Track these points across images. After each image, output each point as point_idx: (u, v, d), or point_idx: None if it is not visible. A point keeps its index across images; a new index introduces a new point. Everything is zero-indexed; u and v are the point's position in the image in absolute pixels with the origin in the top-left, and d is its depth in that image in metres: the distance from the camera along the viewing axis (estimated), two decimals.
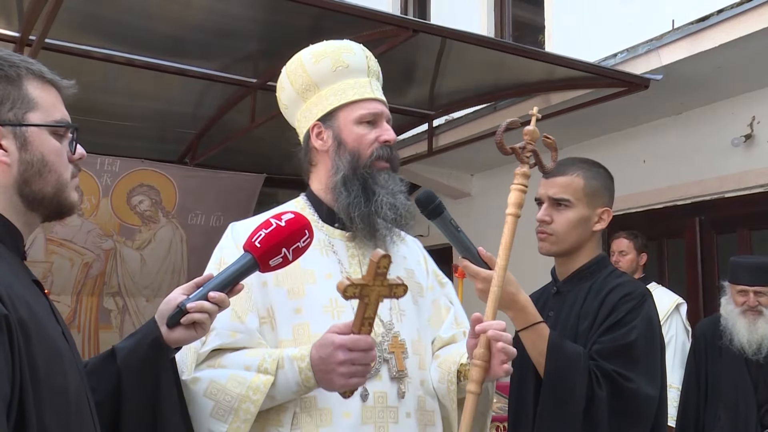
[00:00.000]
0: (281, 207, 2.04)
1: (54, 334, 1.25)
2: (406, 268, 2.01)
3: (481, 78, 5.08)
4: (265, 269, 1.56)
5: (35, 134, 1.28)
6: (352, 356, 1.61)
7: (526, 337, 1.97)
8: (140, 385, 1.47)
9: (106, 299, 5.71)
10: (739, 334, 3.65)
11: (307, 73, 2.02)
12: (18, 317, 1.15)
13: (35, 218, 1.33)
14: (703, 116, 5.18)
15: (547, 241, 2.18)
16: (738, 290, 3.71)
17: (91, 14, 4.16)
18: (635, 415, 1.95)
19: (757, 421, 3.62)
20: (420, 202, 1.84)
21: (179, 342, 1.51)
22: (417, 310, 1.97)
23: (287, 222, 1.56)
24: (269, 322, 1.84)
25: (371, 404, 1.79)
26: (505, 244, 1.85)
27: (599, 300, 2.08)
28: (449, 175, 7.16)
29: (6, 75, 1.26)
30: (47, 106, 1.31)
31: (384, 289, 1.59)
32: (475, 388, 1.77)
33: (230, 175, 6.04)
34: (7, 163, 1.26)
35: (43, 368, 1.17)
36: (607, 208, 2.21)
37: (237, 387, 1.71)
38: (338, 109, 1.96)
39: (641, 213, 5.58)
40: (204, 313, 1.47)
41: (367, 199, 1.89)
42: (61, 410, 1.20)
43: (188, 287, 1.53)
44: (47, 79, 1.33)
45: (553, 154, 1.97)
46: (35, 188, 1.28)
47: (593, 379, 1.93)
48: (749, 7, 3.98)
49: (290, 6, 3.82)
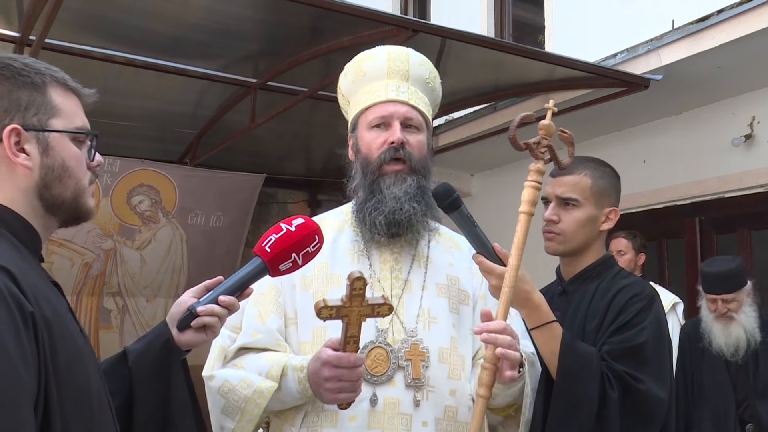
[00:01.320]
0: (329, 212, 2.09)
1: (75, 334, 1.28)
2: (449, 275, 1.98)
3: (481, 78, 5.08)
4: (275, 273, 1.57)
5: (57, 140, 1.32)
6: (337, 373, 1.66)
7: (538, 336, 1.93)
8: (152, 386, 1.49)
9: (106, 299, 5.71)
10: (716, 338, 3.77)
11: (340, 88, 2.09)
12: (42, 315, 1.17)
13: (53, 222, 1.36)
14: (703, 116, 5.18)
15: (555, 240, 2.17)
16: (709, 298, 3.81)
17: (91, 14, 4.15)
18: (646, 417, 1.93)
19: (735, 418, 3.72)
20: (437, 195, 1.81)
21: (189, 344, 1.53)
22: (457, 318, 1.94)
23: (297, 227, 1.57)
24: (295, 323, 1.90)
25: (380, 409, 1.79)
26: (517, 243, 1.83)
27: (607, 300, 2.07)
28: (449, 175, 7.15)
29: (32, 82, 1.30)
30: (69, 113, 1.34)
31: (365, 308, 1.62)
32: (485, 392, 1.75)
33: (230, 175, 6.04)
34: (29, 167, 1.29)
35: (66, 367, 1.20)
36: (614, 207, 2.20)
37: (245, 389, 1.79)
38: (357, 117, 2.00)
39: (641, 213, 5.59)
40: (214, 316, 1.50)
41: (375, 207, 1.90)
42: (83, 409, 1.22)
43: (198, 290, 1.55)
44: (70, 87, 1.37)
45: (569, 149, 1.94)
46: (55, 193, 1.31)
47: (605, 380, 1.90)
48: (749, 7, 3.98)
49: (290, 6, 3.81)
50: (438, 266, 1.98)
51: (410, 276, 1.95)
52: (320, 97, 5.20)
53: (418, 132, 1.96)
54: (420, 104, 1.98)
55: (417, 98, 1.97)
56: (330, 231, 1.98)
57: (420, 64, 2.03)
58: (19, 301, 1.13)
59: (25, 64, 1.31)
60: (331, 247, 1.95)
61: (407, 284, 1.93)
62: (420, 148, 1.94)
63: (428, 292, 1.93)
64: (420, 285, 1.94)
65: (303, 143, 6.62)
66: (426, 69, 2.04)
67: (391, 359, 1.82)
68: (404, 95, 1.95)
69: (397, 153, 1.90)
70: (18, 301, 1.13)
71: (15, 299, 1.13)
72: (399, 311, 1.88)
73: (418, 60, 2.03)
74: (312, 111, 5.65)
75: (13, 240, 1.26)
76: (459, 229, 1.88)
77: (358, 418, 1.78)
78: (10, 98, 1.28)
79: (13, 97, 1.28)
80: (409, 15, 7.99)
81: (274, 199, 7.21)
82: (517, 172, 6.67)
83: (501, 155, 6.47)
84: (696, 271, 5.26)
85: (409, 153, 1.91)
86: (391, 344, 1.84)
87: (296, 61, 4.65)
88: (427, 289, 1.94)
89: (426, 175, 1.95)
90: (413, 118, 1.95)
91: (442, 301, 1.93)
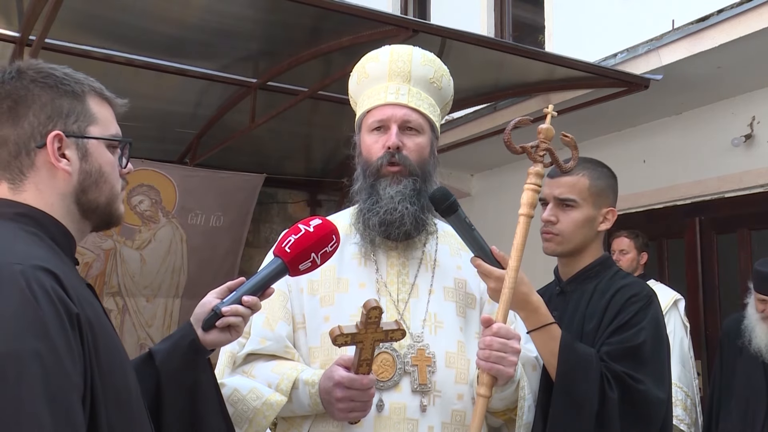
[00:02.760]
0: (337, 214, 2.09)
1: (113, 335, 1.32)
2: (457, 278, 1.98)
3: (481, 78, 5.08)
4: (294, 273, 1.61)
5: (94, 146, 1.37)
6: (349, 394, 1.68)
7: (537, 338, 1.93)
8: (180, 385, 1.53)
9: (106, 299, 5.70)
10: (758, 338, 3.74)
11: (349, 89, 2.10)
12: (86, 316, 1.21)
13: (87, 226, 1.41)
14: (703, 116, 5.18)
15: (553, 241, 2.17)
16: (759, 298, 3.75)
17: (91, 14, 4.15)
18: (645, 418, 1.93)
19: (765, 419, 3.68)
20: (434, 199, 1.82)
21: (214, 344, 1.57)
22: (463, 322, 1.93)
23: (315, 228, 1.62)
24: (303, 328, 1.90)
25: (386, 415, 1.79)
26: (517, 245, 1.83)
27: (605, 300, 2.07)
28: (449, 175, 7.15)
29: (72, 91, 1.36)
30: (105, 121, 1.40)
31: (379, 334, 1.65)
32: (485, 392, 1.75)
33: (230, 175, 6.05)
34: (69, 172, 1.33)
35: (108, 367, 1.23)
36: (611, 208, 2.20)
37: (255, 401, 1.80)
38: (360, 120, 2.00)
39: (641, 213, 5.58)
40: (238, 316, 1.53)
41: (371, 208, 1.90)
42: (124, 409, 1.26)
43: (221, 291, 1.59)
44: (105, 97, 1.43)
45: (573, 153, 1.94)
46: (91, 197, 1.37)
47: (605, 380, 1.90)
48: (749, 7, 3.97)
49: (290, 6, 3.82)
50: (445, 270, 1.97)
51: (417, 280, 1.94)
52: (320, 97, 5.20)
53: (418, 134, 1.93)
54: (421, 105, 1.95)
55: (418, 100, 1.95)
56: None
57: (423, 63, 2.00)
58: (66, 303, 1.17)
59: (65, 73, 1.37)
60: (338, 251, 1.92)
61: (414, 288, 1.93)
62: (419, 150, 1.92)
63: (435, 297, 1.92)
64: (427, 289, 1.93)
65: (303, 143, 6.62)
66: (430, 68, 2.01)
67: (398, 365, 1.82)
68: (403, 98, 1.93)
69: (392, 158, 1.89)
70: (65, 304, 1.16)
71: (62, 302, 1.16)
72: (405, 316, 1.88)
73: (421, 59, 2.00)
74: (312, 111, 5.66)
75: (51, 244, 1.30)
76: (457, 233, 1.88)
77: (364, 424, 1.78)
78: (53, 106, 1.33)
79: (55, 105, 1.33)
80: (409, 15, 7.99)
81: (274, 199, 7.20)
82: (517, 172, 6.67)
83: (501, 155, 6.47)
84: (696, 272, 5.27)
85: (404, 157, 1.89)
86: (398, 350, 1.83)
87: (296, 61, 4.65)
88: (434, 293, 1.93)
89: (426, 177, 1.92)
90: (412, 121, 1.92)
91: (449, 305, 1.93)
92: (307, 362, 1.88)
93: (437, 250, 1.99)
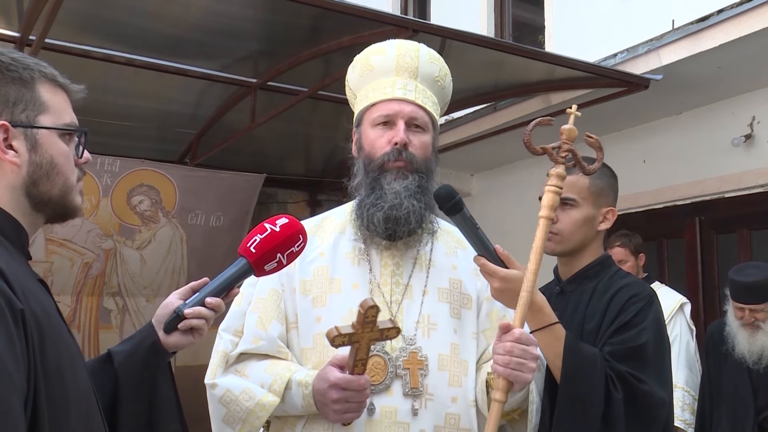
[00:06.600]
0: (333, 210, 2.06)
1: (63, 332, 1.27)
2: (452, 279, 1.94)
3: (481, 78, 5.07)
4: (260, 274, 1.57)
5: (45, 137, 1.30)
6: (345, 395, 1.67)
7: (541, 338, 1.90)
8: (138, 387, 1.48)
9: (106, 299, 5.70)
10: (740, 345, 3.72)
11: (348, 81, 2.05)
12: (32, 312, 1.16)
13: (40, 219, 1.35)
14: (703, 116, 5.18)
15: (553, 240, 2.17)
16: (737, 306, 3.75)
17: (91, 14, 4.15)
18: (649, 418, 1.92)
19: (754, 424, 3.68)
20: (439, 197, 1.77)
21: (176, 346, 1.52)
22: (458, 323, 1.90)
23: (282, 227, 1.57)
24: (296, 328, 1.88)
25: (377, 419, 1.77)
26: (536, 248, 1.80)
27: (606, 300, 2.06)
28: (449, 175, 7.15)
29: (20, 77, 1.28)
30: (58, 110, 1.33)
31: (375, 333, 1.63)
32: (501, 397, 1.72)
33: (230, 175, 6.04)
34: (17, 164, 1.27)
35: (55, 365, 1.18)
36: (611, 207, 2.20)
37: (247, 401, 1.79)
38: (362, 113, 1.96)
39: (641, 213, 5.58)
40: (201, 318, 1.49)
41: (374, 203, 1.86)
42: (72, 408, 1.21)
43: (184, 292, 1.55)
44: (59, 83, 1.35)
45: (598, 154, 1.91)
46: (42, 190, 1.30)
47: (609, 381, 1.89)
48: (749, 7, 3.98)
49: (290, 6, 3.81)
50: (440, 270, 1.94)
51: (411, 281, 1.91)
52: (320, 97, 5.20)
53: (423, 132, 1.92)
54: (427, 103, 1.93)
55: (424, 97, 1.93)
56: (331, 233, 1.96)
57: (430, 61, 1.98)
58: (9, 298, 1.12)
59: (13, 58, 1.29)
60: (332, 250, 1.92)
61: (408, 289, 1.90)
62: (423, 148, 1.90)
63: (429, 298, 1.89)
64: (421, 290, 1.90)
65: (303, 143, 6.62)
66: (436, 66, 1.99)
67: (389, 368, 1.79)
68: (411, 94, 1.90)
69: (399, 155, 1.86)
70: (8, 298, 1.11)
71: (5, 296, 1.11)
72: (398, 318, 1.85)
73: (428, 56, 1.98)
74: (312, 111, 5.65)
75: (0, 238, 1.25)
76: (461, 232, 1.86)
77: (354, 427, 1.76)
78: None
79: (1, 92, 1.26)
80: (409, 15, 7.99)
81: (274, 199, 7.20)
82: (517, 172, 6.71)
83: (501, 155, 6.47)
84: (696, 272, 5.27)
85: (411, 155, 1.87)
86: (389, 353, 1.81)
87: (296, 61, 4.64)
88: (428, 294, 1.90)
89: (429, 175, 1.91)
90: (418, 118, 1.90)
91: (443, 307, 1.89)
92: (300, 363, 1.86)
93: (433, 249, 1.95)
